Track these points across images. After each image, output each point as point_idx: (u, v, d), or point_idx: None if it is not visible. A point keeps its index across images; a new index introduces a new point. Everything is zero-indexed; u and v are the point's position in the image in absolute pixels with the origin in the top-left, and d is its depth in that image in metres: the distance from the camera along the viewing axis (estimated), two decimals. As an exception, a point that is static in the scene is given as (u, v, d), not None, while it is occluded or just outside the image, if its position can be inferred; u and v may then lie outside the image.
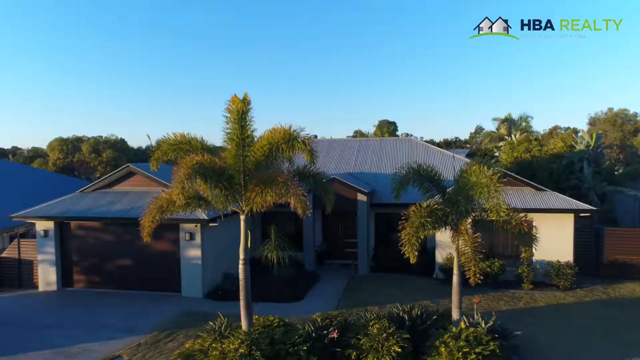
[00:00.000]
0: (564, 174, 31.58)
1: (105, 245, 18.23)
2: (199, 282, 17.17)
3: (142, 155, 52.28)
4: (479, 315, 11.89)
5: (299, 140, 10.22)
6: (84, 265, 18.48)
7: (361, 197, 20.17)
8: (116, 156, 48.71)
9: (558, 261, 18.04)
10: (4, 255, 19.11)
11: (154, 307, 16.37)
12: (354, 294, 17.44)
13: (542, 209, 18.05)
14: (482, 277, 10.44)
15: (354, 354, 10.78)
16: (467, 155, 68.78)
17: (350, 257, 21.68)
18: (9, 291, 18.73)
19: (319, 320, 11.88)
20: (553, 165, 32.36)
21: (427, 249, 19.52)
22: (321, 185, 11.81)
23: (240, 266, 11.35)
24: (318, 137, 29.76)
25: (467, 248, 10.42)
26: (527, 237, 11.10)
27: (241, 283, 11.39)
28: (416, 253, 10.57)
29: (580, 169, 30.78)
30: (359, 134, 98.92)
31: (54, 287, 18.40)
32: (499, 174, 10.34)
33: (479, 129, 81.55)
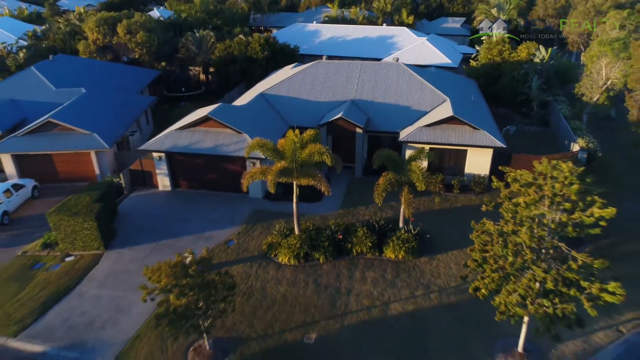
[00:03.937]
0: (521, 82, 40.64)
1: (198, 165, 29.35)
2: (259, 189, 28.80)
3: (169, 31, 58.70)
4: (412, 225, 23.69)
5: (326, 154, 20.54)
6: (185, 176, 29.94)
7: (359, 130, 30.31)
8: (148, 37, 55.65)
9: (479, 174, 29.22)
10: (132, 167, 30.37)
11: (237, 206, 28.23)
12: (352, 196, 29.10)
13: (472, 145, 28.44)
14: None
15: (349, 245, 22.93)
16: (462, 25, 73.11)
17: (350, 161, 32.69)
18: (140, 190, 30.55)
19: (332, 227, 23.78)
20: (515, 73, 41.08)
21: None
22: (337, 164, 22.21)
23: (294, 205, 22.68)
24: (325, 56, 37.87)
25: (404, 203, 21.59)
26: (440, 193, 22.08)
27: (295, 211, 22.88)
28: (381, 201, 21.77)
29: (531, 79, 39.59)
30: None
31: (168, 189, 30.20)
32: (424, 168, 20.92)
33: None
